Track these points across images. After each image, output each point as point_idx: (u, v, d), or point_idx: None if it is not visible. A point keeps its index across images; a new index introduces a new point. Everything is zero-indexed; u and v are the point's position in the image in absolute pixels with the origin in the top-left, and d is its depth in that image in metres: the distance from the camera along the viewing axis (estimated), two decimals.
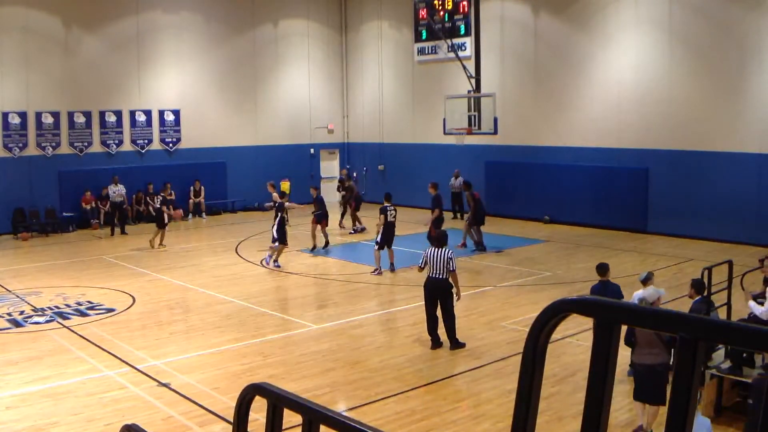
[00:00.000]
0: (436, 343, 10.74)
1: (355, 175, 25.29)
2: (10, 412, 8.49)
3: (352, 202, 21.54)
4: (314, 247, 18.43)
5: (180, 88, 25.00)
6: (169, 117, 24.93)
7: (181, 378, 9.60)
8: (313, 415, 2.09)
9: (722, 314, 9.94)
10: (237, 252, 18.79)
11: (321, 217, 18.45)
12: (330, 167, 29.11)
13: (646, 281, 9.32)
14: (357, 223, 21.40)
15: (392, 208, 16.52)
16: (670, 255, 17.31)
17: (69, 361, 10.28)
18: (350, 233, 21.18)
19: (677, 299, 12.27)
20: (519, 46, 23.29)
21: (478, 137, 21.57)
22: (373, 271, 15.84)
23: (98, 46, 23.25)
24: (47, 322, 12.38)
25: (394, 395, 8.95)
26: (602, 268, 9.88)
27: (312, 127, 28.43)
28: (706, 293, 9.21)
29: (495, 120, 19.83)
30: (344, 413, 4.78)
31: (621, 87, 20.69)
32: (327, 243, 18.72)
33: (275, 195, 17.39)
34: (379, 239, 16.01)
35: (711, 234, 18.81)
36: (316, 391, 9.03)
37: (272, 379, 9.16)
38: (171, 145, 25.03)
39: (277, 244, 16.62)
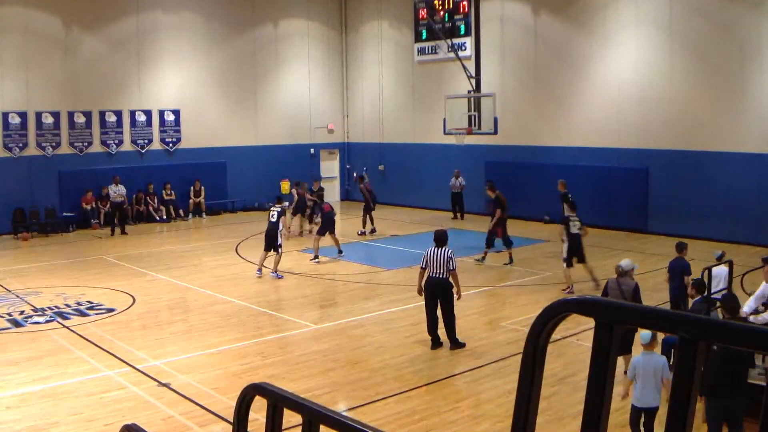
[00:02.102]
0: (436, 343, 10.73)
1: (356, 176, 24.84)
2: (10, 412, 8.48)
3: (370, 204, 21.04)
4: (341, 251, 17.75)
5: (180, 88, 25.00)
6: (169, 117, 24.93)
7: (181, 378, 9.60)
8: (313, 415, 2.09)
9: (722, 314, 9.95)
10: (237, 252, 18.79)
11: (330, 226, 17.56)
12: (330, 167, 29.11)
13: (721, 258, 10.73)
14: (369, 225, 21.05)
15: (576, 218, 14.43)
16: (671, 255, 17.18)
17: (69, 361, 10.28)
18: (360, 234, 20.91)
19: None
20: (519, 46, 23.29)
21: (478, 137, 21.56)
22: (565, 290, 14.03)
23: (98, 46, 23.25)
24: (47, 322, 12.38)
25: (394, 395, 8.95)
26: (679, 246, 11.39)
27: (312, 127, 28.43)
28: (706, 293, 9.24)
29: (495, 120, 19.82)
30: (344, 413, 4.78)
31: (621, 87, 20.69)
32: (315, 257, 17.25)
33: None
34: (566, 255, 14.18)
35: (711, 234, 18.79)
36: (316, 391, 9.03)
37: (272, 379, 9.15)
38: (171, 145, 25.03)
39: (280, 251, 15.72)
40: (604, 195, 21.22)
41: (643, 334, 7.26)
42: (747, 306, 9.28)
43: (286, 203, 17.81)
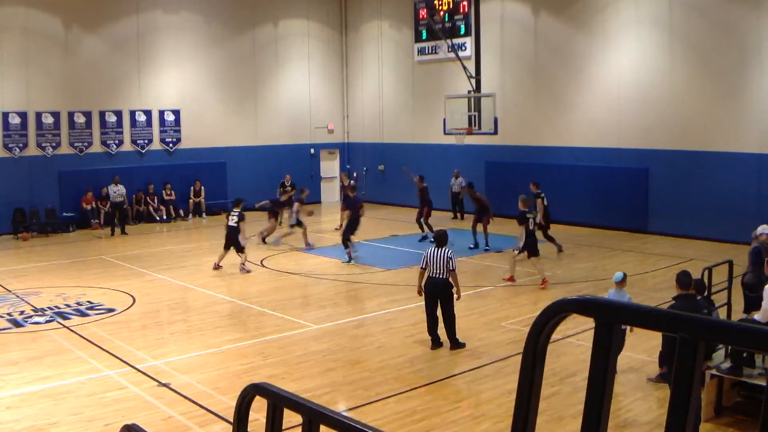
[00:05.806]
0: (436, 343, 10.73)
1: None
2: (10, 412, 8.48)
3: (425, 208, 20.00)
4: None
5: (180, 88, 25.01)
6: (169, 117, 24.93)
7: (181, 378, 9.60)
8: (313, 415, 2.09)
9: (722, 314, 9.95)
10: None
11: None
12: (330, 167, 29.11)
13: None
14: (429, 230, 19.43)
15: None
16: (670, 255, 17.31)
17: (69, 361, 10.28)
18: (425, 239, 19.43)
19: None
20: (519, 46, 23.28)
21: (478, 137, 21.57)
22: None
23: (98, 46, 23.25)
24: (47, 322, 12.38)
25: (394, 395, 8.95)
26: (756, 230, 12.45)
27: (312, 127, 28.43)
28: (706, 293, 9.23)
29: (495, 120, 19.84)
30: (344, 413, 4.78)
31: (621, 87, 20.69)
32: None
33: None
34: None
35: (711, 234, 18.80)
36: (316, 391, 9.02)
37: (272, 379, 9.15)
38: (171, 145, 25.03)
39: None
40: (604, 195, 21.22)
41: (616, 274, 9.26)
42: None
43: (243, 210, 16.94)
